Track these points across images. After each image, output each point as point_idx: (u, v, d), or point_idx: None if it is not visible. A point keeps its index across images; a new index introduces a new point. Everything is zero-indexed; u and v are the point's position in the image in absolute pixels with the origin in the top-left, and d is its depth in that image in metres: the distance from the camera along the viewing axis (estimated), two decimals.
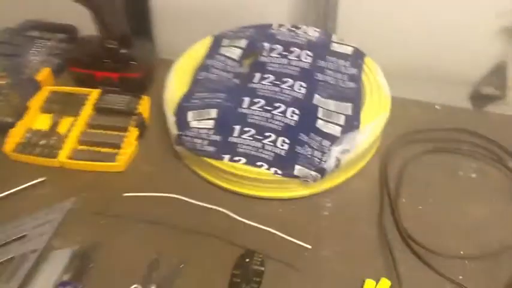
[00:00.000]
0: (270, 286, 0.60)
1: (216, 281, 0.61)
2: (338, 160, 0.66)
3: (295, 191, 0.68)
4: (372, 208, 0.69)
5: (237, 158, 0.66)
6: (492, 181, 0.73)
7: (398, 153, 0.76)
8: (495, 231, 0.67)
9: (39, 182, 0.71)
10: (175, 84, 0.76)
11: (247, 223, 0.66)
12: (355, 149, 0.67)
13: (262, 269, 0.62)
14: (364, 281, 0.61)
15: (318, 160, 0.66)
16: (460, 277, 0.62)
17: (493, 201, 0.70)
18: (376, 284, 0.60)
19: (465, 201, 0.70)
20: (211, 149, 0.67)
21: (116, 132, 0.77)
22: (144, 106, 0.80)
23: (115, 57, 0.82)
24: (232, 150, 0.67)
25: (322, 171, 0.65)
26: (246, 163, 0.66)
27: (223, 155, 0.67)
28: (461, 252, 0.64)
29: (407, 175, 0.73)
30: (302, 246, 0.64)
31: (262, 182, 0.67)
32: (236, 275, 0.61)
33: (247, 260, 0.62)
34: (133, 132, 0.76)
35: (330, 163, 0.65)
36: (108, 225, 0.67)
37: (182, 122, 0.70)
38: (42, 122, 0.79)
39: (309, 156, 0.66)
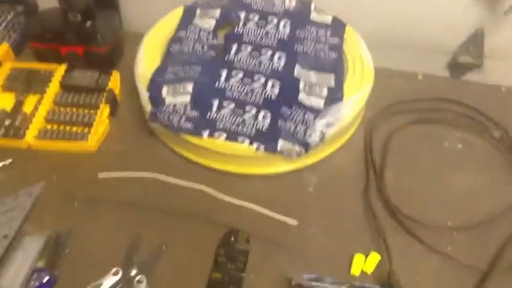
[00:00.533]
0: (257, 265, 0.58)
1: (200, 262, 0.58)
2: (323, 134, 0.63)
3: (279, 166, 0.66)
4: (358, 182, 0.67)
5: (217, 134, 0.63)
6: (477, 151, 0.72)
7: (382, 125, 0.74)
8: (482, 200, 0.66)
9: (5, 164, 0.66)
10: (147, 58, 0.71)
11: (229, 201, 0.63)
12: (339, 122, 0.65)
13: (248, 248, 0.59)
14: (353, 256, 0.59)
15: (302, 134, 0.63)
16: (449, 248, 0.61)
17: (478, 171, 0.69)
18: (366, 258, 0.59)
19: (451, 172, 0.69)
20: (189, 125, 0.64)
21: (85, 110, 0.72)
22: (114, 82, 0.76)
23: (78, 30, 0.76)
24: (212, 126, 0.64)
25: (306, 146, 0.63)
26: (226, 139, 0.63)
27: (203, 131, 0.63)
28: (449, 224, 0.63)
29: (392, 147, 0.71)
30: (288, 223, 0.62)
31: (244, 158, 0.64)
32: (220, 255, 0.58)
33: (232, 238, 0.60)
34: (104, 110, 0.72)
35: (314, 137, 0.63)
36: (82, 209, 0.63)
37: (156, 98, 0.66)
38: (5, 101, 0.73)
39: (292, 130, 0.63)
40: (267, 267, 0.58)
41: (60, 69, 0.77)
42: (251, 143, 0.63)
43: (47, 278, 0.55)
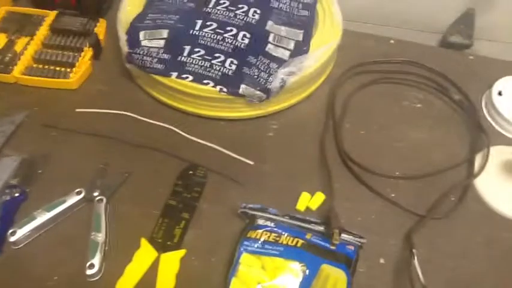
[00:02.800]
0: (211, 196, 0.63)
1: (159, 190, 0.63)
2: (283, 81, 0.67)
3: (242, 111, 0.70)
4: (316, 131, 0.71)
5: (184, 76, 0.68)
6: (435, 110, 0.75)
7: (347, 82, 0.78)
8: (432, 155, 0.69)
9: None
10: (130, 5, 0.76)
11: (193, 139, 0.69)
12: (301, 72, 0.69)
13: (204, 180, 0.64)
14: (300, 194, 0.63)
15: (264, 80, 0.67)
16: (392, 195, 0.65)
17: (433, 128, 0.73)
18: (312, 196, 0.63)
19: (407, 128, 0.73)
20: (159, 66, 0.68)
21: (70, 52, 0.77)
22: (100, 28, 0.80)
23: None
24: (181, 68, 0.68)
25: (267, 91, 0.67)
26: (193, 80, 0.67)
27: (171, 72, 0.68)
28: (397, 173, 0.67)
29: (353, 103, 0.75)
30: (245, 162, 0.67)
31: (210, 100, 0.68)
32: (178, 185, 0.64)
33: (191, 172, 0.65)
34: (87, 52, 0.77)
35: (275, 83, 0.67)
36: (58, 137, 0.68)
37: (133, 41, 0.71)
38: None
39: (255, 76, 0.68)
40: (221, 199, 0.63)
41: (52, 15, 0.82)
42: (215, 86, 0.67)
43: (18, 193, 0.61)
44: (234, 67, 0.69)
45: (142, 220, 0.60)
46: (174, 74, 0.68)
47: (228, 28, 0.73)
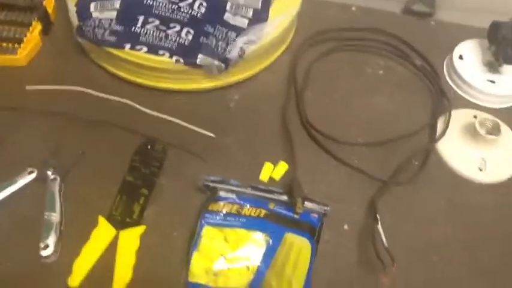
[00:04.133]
0: (171, 171, 0.61)
1: (116, 167, 0.61)
2: (242, 50, 0.65)
3: (201, 83, 0.68)
4: (278, 101, 0.70)
5: (138, 47, 0.65)
6: (398, 77, 0.75)
7: (309, 50, 0.76)
8: (395, 121, 0.69)
9: None
10: None
11: (151, 114, 0.66)
12: (261, 41, 0.67)
13: (163, 155, 0.62)
14: (263, 165, 0.62)
15: (222, 50, 0.65)
16: (356, 161, 0.64)
17: (396, 94, 0.72)
18: (274, 167, 0.62)
19: (370, 95, 0.72)
20: (112, 38, 0.66)
21: (18, 28, 0.73)
22: (49, 1, 0.76)
23: None
24: (134, 40, 0.65)
25: (226, 61, 0.65)
26: (147, 52, 0.65)
27: (125, 44, 0.65)
28: (360, 140, 0.66)
29: (315, 71, 0.74)
30: (206, 135, 0.65)
31: (166, 72, 0.66)
32: (136, 160, 0.61)
33: (149, 147, 0.63)
34: (36, 27, 0.73)
35: (233, 53, 0.65)
36: (8, 117, 0.65)
37: (83, 13, 0.67)
38: None
39: (213, 46, 0.65)
40: (181, 173, 0.61)
41: None
42: (171, 57, 0.64)
43: None
44: (190, 37, 0.66)
45: (100, 198, 0.58)
46: (128, 46, 0.65)
47: None
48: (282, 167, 0.62)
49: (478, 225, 0.60)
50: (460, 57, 0.75)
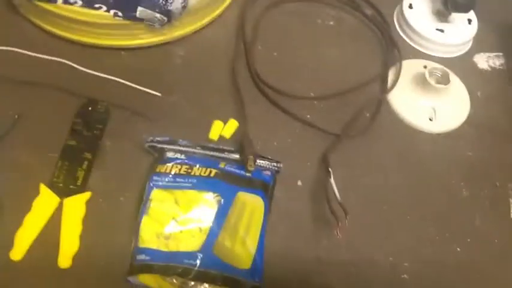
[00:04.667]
0: (116, 133, 0.58)
1: (56, 130, 0.57)
2: (185, 1, 0.62)
3: (143, 38, 0.64)
4: (227, 55, 0.67)
5: (72, 0, 0.60)
6: (348, 27, 0.73)
7: (258, 2, 0.73)
8: (346, 73, 0.68)
9: None
10: None
11: (91, 73, 0.62)
12: None
13: (106, 116, 0.59)
14: (213, 123, 0.60)
15: (163, 1, 0.61)
16: (308, 116, 0.63)
17: (347, 46, 0.71)
18: (224, 124, 0.60)
19: (321, 47, 0.70)
20: None
21: None
22: None
23: None
24: None
25: (168, 14, 0.61)
26: (82, 5, 0.60)
27: None
28: (312, 94, 0.65)
29: (265, 23, 0.71)
30: (151, 94, 0.62)
31: (104, 27, 0.62)
32: (77, 123, 0.58)
33: (90, 108, 0.59)
34: None
35: (176, 4, 0.61)
36: None
37: None
38: None
39: None
40: (126, 135, 0.58)
41: None
42: (109, 10, 0.60)
43: None
44: None
45: (40, 165, 0.55)
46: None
47: None
48: (232, 125, 0.60)
49: (429, 175, 0.61)
50: (410, 6, 0.74)
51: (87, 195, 0.53)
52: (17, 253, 0.49)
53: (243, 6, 0.72)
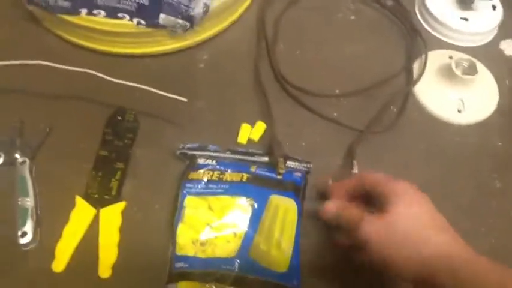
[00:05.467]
0: (145, 141, 0.59)
1: (87, 141, 0.58)
2: (206, 6, 0.62)
3: (166, 44, 0.64)
4: (249, 56, 0.67)
5: (95, 11, 0.60)
6: (370, 20, 0.73)
7: (276, 1, 0.73)
8: (370, 68, 0.67)
9: None
10: None
11: (118, 82, 0.62)
12: None
13: (136, 125, 0.60)
14: (240, 126, 0.60)
15: (185, 7, 0.61)
16: (335, 114, 0.63)
17: (369, 39, 0.71)
18: (252, 127, 0.60)
19: (343, 42, 0.70)
20: (65, 4, 0.61)
21: None
22: None
23: None
24: (90, 4, 0.61)
25: (190, 19, 0.61)
26: (106, 16, 0.60)
27: (80, 9, 0.61)
28: (337, 91, 0.65)
29: (285, 21, 0.71)
30: (178, 100, 0.62)
31: (128, 36, 0.62)
32: (107, 133, 0.58)
33: (119, 117, 0.60)
34: None
35: (198, 9, 0.61)
36: None
37: None
38: None
39: (175, 4, 0.61)
40: (156, 142, 0.59)
41: None
42: (132, 19, 0.60)
43: None
44: None
45: (74, 177, 0.55)
46: (84, 11, 0.60)
47: None
48: (260, 127, 0.60)
49: (460, 167, 0.60)
50: None
51: (122, 204, 0.54)
52: (58, 265, 0.50)
53: (262, 5, 0.71)
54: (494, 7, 0.72)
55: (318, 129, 0.62)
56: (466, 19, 0.71)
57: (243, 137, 0.59)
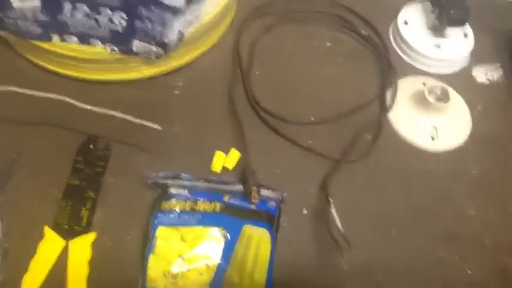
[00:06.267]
0: (118, 169, 0.58)
1: (58, 170, 0.57)
2: (181, 33, 0.61)
3: (140, 71, 0.64)
4: (225, 83, 0.67)
5: (67, 38, 0.60)
6: (345, 47, 0.73)
7: (252, 26, 0.73)
8: (345, 95, 0.67)
9: None
10: None
11: (90, 109, 0.61)
12: (199, 20, 0.63)
13: (108, 152, 0.59)
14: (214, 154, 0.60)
15: (159, 34, 0.61)
16: (309, 141, 0.63)
17: (345, 66, 0.71)
18: (226, 155, 0.60)
19: (318, 69, 0.70)
20: (38, 30, 0.60)
21: None
22: None
23: None
24: (62, 30, 0.60)
25: (164, 46, 0.61)
26: (78, 42, 0.60)
27: (52, 35, 0.60)
28: (312, 118, 0.65)
29: (261, 47, 0.71)
30: (151, 127, 0.61)
31: (101, 62, 0.61)
32: (78, 161, 0.57)
33: (91, 145, 0.59)
34: None
35: (172, 36, 0.61)
36: None
37: (3, 3, 0.61)
38: None
39: (149, 30, 0.61)
40: (129, 170, 0.58)
41: None
42: (105, 45, 0.60)
43: None
44: (123, 22, 0.61)
45: (43, 207, 0.54)
46: (56, 37, 0.60)
47: None
48: (234, 155, 0.60)
49: (435, 195, 0.60)
50: (405, 22, 0.74)
51: (92, 235, 0.53)
52: None
53: (238, 32, 0.71)
54: (465, 35, 0.74)
55: (293, 157, 0.61)
56: (438, 46, 0.72)
57: (216, 165, 0.59)
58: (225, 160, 0.59)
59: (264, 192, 0.55)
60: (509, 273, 0.56)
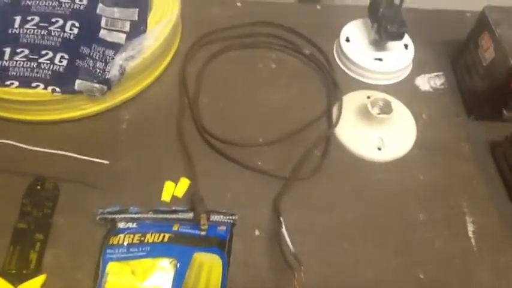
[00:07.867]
0: (67, 209, 0.58)
1: (4, 214, 0.56)
2: (122, 68, 0.62)
3: (86, 108, 0.64)
4: (172, 112, 0.67)
5: (8, 83, 0.60)
6: (290, 68, 0.75)
7: (197, 55, 0.74)
8: (293, 115, 0.69)
9: None
10: None
11: (36, 150, 0.61)
12: (141, 54, 0.64)
13: (56, 193, 0.58)
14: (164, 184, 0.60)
15: (101, 71, 0.62)
16: (259, 163, 0.63)
17: (291, 86, 0.72)
18: (176, 184, 0.60)
19: (265, 91, 0.71)
20: None
21: None
22: None
23: None
24: (3, 75, 0.60)
25: (107, 82, 0.62)
26: (19, 86, 0.60)
27: None
28: (260, 140, 0.66)
29: (206, 75, 0.72)
30: (99, 163, 0.61)
31: (44, 104, 0.61)
32: (25, 204, 0.57)
33: (38, 187, 0.58)
34: None
35: (113, 72, 0.62)
36: None
37: None
38: None
39: (91, 68, 0.62)
40: (78, 209, 0.58)
41: None
42: (46, 87, 0.60)
43: None
44: (65, 62, 0.62)
45: None
46: None
47: (53, 20, 0.65)
48: (184, 183, 0.60)
49: (385, 204, 0.61)
50: (347, 39, 0.76)
51: (42, 278, 0.52)
52: None
53: (184, 61, 0.73)
54: (406, 46, 0.76)
55: (243, 179, 0.62)
56: (380, 59, 0.74)
57: (166, 195, 0.59)
58: (175, 189, 0.59)
59: (214, 217, 0.56)
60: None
